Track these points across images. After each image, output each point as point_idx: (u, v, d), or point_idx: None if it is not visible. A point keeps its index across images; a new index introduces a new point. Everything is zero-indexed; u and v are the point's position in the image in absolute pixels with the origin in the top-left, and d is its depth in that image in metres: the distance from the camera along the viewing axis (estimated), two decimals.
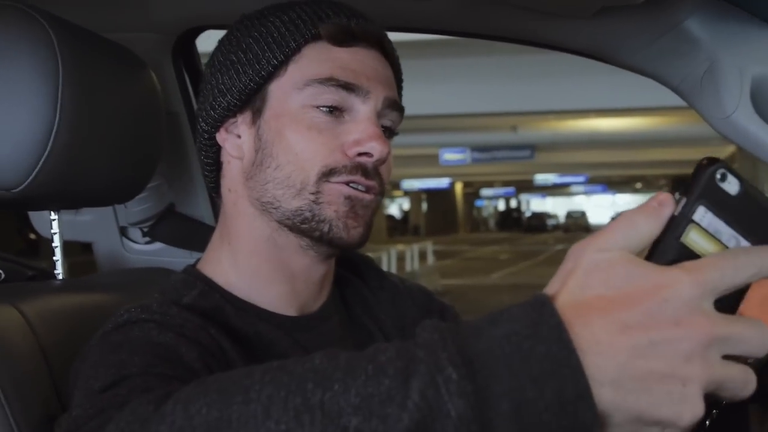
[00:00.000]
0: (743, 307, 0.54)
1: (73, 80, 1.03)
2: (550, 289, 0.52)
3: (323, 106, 0.89)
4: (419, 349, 0.50)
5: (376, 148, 0.89)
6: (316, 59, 0.91)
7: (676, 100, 1.20)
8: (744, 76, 1.05)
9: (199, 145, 0.99)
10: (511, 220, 62.88)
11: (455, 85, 12.77)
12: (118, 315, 0.84)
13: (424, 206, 53.60)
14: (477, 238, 44.99)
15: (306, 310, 0.95)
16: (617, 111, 15.24)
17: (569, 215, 58.03)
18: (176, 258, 1.43)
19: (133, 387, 0.70)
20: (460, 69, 12.54)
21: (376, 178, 0.91)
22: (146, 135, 1.20)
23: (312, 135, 0.89)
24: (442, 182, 43.45)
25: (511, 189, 59.70)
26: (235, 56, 0.93)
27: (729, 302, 0.52)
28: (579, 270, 0.51)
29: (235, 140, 0.94)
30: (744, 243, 0.53)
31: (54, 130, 0.99)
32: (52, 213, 1.19)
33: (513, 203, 72.49)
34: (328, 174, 0.88)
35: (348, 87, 0.90)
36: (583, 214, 57.89)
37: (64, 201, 1.15)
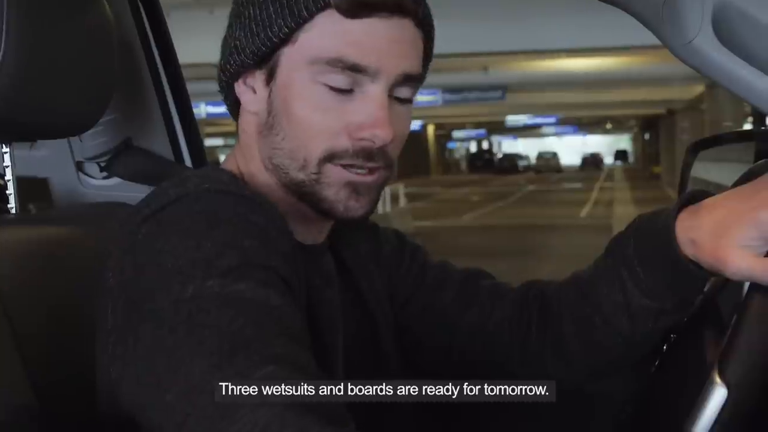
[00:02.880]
0: None
1: (18, 7, 0.99)
2: None
3: (330, 86, 0.86)
4: None
5: (378, 136, 0.86)
6: (327, 32, 0.85)
7: (644, 39, 1.18)
8: (705, 1, 1.04)
9: (219, 87, 0.96)
10: (482, 161, 63.05)
11: None
12: (181, 186, 0.82)
13: None
14: (449, 180, 45.13)
15: (317, 241, 0.97)
16: (587, 51, 15.20)
17: (540, 156, 58.43)
18: (134, 193, 1.40)
19: (270, 294, 0.71)
20: (431, 9, 12.39)
21: (380, 159, 0.89)
22: (97, 64, 1.17)
23: (316, 116, 0.87)
24: (414, 124, 43.21)
25: (482, 131, 59.75)
26: (252, 10, 0.88)
27: None
28: None
29: (251, 95, 0.91)
30: None
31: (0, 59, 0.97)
32: (4, 146, 1.16)
33: (485, 145, 72.62)
34: (329, 158, 0.87)
35: (356, 68, 0.85)
36: (554, 155, 58.29)
37: (15, 133, 1.13)
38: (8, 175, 1.17)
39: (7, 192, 1.18)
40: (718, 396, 0.79)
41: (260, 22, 0.87)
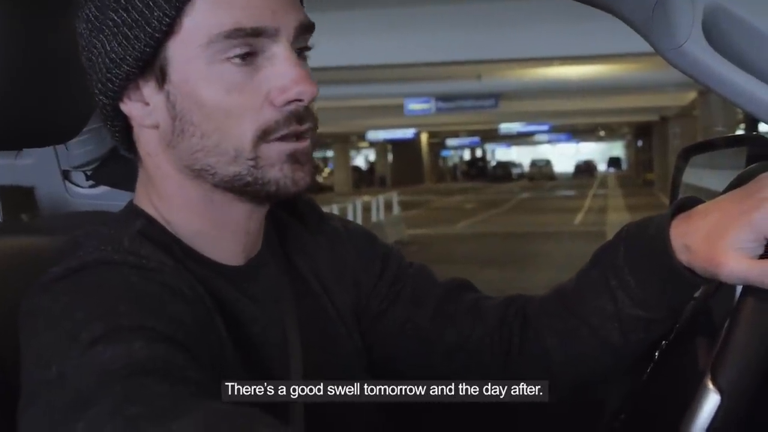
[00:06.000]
0: None
1: (0, 15, 0.98)
2: None
3: (235, 57, 0.81)
4: None
5: (305, 92, 0.82)
6: (213, 5, 0.80)
7: (637, 46, 1.18)
8: (696, 6, 1.03)
9: (102, 115, 0.89)
10: (476, 169, 63.23)
11: (419, 33, 12.66)
12: (86, 252, 0.78)
13: (390, 157, 53.64)
14: (443, 188, 45.24)
15: (244, 257, 0.92)
16: (580, 58, 15.23)
17: (534, 164, 58.68)
18: (120, 201, 1.38)
19: (131, 349, 0.67)
20: (424, 17, 12.42)
21: (309, 119, 0.84)
22: (82, 72, 1.16)
23: (233, 97, 0.81)
24: (408, 133, 43.39)
25: (476, 139, 59.81)
26: (117, 15, 0.81)
27: None
28: None
29: (143, 108, 0.85)
30: None
31: None
32: None
33: (478, 153, 72.75)
34: (263, 136, 0.82)
35: (256, 33, 0.80)
36: (547, 163, 58.58)
37: None
38: None
39: None
40: (711, 402, 0.78)
41: (133, 23, 0.80)
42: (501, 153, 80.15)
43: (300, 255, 1.00)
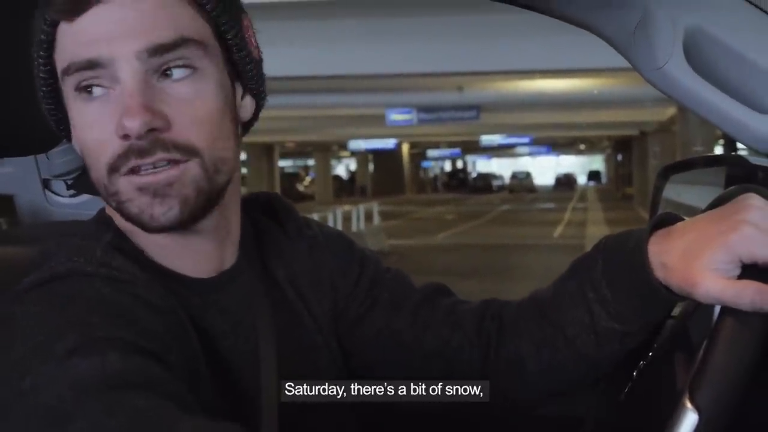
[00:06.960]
0: None
1: None
2: None
3: (83, 92, 0.80)
4: None
5: (126, 127, 0.77)
6: (64, 44, 0.81)
7: (617, 61, 1.19)
8: (676, 28, 1.04)
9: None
10: (457, 180, 63.39)
11: (402, 44, 12.69)
12: (58, 262, 0.78)
13: (371, 167, 53.64)
14: (423, 198, 45.28)
15: (214, 268, 0.91)
16: (561, 72, 15.33)
17: (514, 176, 58.85)
18: None
19: (106, 361, 0.66)
20: (407, 28, 12.46)
21: (160, 150, 0.79)
22: None
23: (92, 131, 0.81)
24: (389, 143, 43.40)
25: (457, 150, 59.92)
26: (35, 61, 0.85)
27: None
28: None
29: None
30: None
31: None
32: None
33: (459, 164, 72.92)
34: (111, 170, 0.80)
35: (91, 65, 0.79)
36: (528, 175, 58.77)
37: None
38: None
39: None
40: (689, 421, 0.78)
41: (38, 67, 0.85)
42: (482, 165, 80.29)
43: (277, 261, 1.00)
